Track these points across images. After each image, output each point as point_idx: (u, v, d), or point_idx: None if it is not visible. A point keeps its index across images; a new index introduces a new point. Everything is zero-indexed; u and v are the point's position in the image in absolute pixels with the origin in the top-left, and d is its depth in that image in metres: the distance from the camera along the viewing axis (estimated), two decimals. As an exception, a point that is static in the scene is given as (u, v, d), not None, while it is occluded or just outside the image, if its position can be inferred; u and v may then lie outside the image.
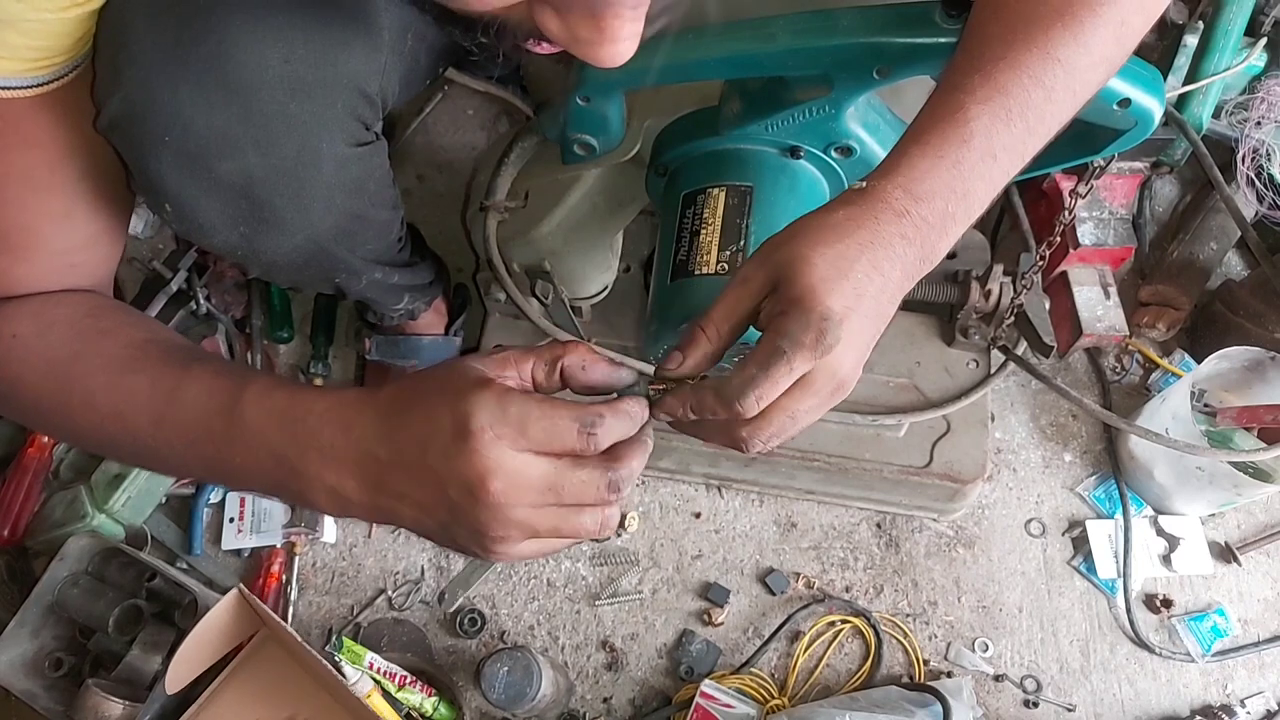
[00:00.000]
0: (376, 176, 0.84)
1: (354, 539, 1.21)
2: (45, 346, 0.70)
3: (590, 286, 1.09)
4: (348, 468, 0.57)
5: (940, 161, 0.59)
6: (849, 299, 0.55)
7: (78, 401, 0.68)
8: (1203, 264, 1.28)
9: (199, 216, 0.75)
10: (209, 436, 0.63)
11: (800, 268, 0.55)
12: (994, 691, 1.12)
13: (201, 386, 0.64)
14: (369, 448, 0.56)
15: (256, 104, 0.69)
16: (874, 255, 0.56)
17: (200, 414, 0.63)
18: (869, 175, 0.60)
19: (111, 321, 0.72)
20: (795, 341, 0.53)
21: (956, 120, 0.60)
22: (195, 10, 0.66)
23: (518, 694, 0.98)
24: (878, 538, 1.20)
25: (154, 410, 0.65)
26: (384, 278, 0.99)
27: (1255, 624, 1.16)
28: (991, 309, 1.08)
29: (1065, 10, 0.62)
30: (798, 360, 0.53)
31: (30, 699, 1.05)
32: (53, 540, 1.13)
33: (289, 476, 0.59)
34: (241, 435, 0.61)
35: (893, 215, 0.57)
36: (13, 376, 0.70)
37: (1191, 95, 1.18)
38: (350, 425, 0.57)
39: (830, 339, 0.53)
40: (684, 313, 0.84)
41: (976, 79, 0.61)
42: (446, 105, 1.45)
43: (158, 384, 0.65)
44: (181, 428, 0.64)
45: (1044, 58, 0.61)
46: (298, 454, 0.58)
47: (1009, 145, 0.61)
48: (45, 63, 0.64)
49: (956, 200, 0.59)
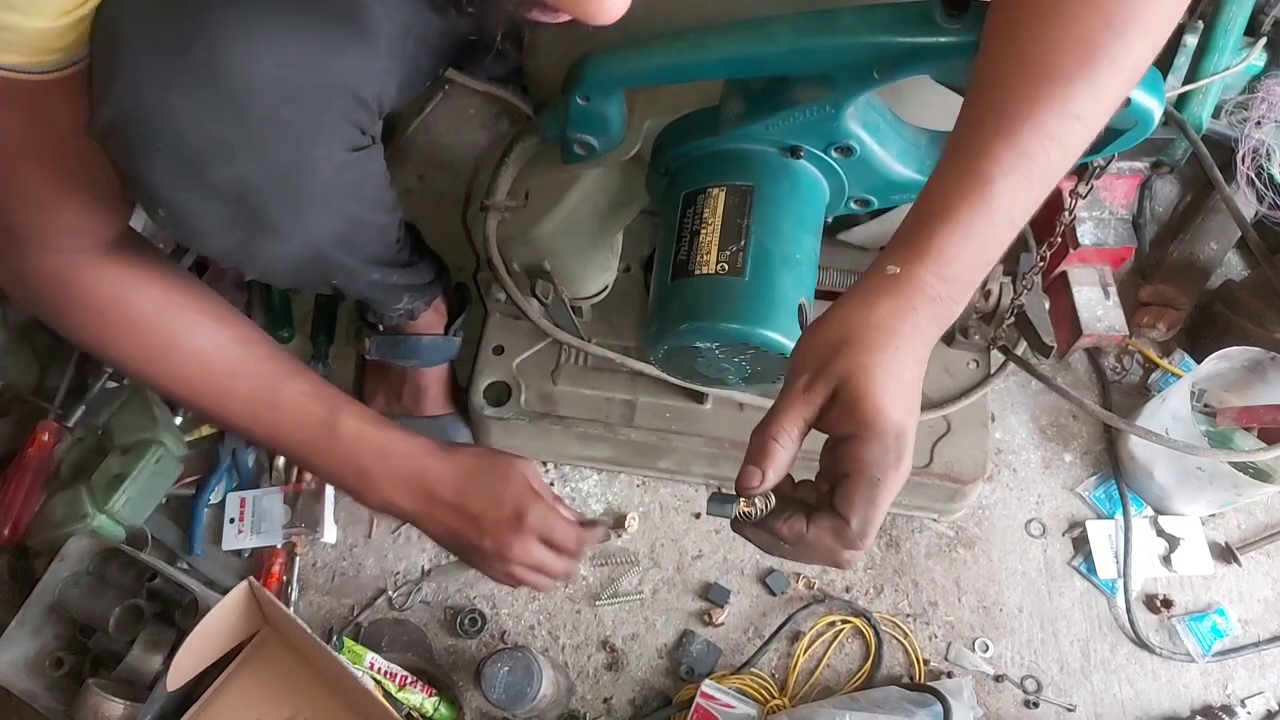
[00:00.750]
0: (373, 181, 0.84)
1: (354, 539, 1.21)
2: (132, 333, 0.84)
3: (590, 286, 1.09)
4: (410, 496, 0.89)
5: (969, 242, 0.61)
6: (907, 402, 0.59)
7: (177, 388, 0.87)
8: (1203, 264, 1.28)
9: (193, 223, 0.75)
10: (302, 445, 0.89)
11: (863, 382, 0.58)
12: (994, 692, 1.12)
13: (297, 407, 0.87)
14: (438, 491, 0.89)
15: (249, 110, 0.68)
16: (916, 346, 0.60)
17: (296, 430, 0.88)
18: (899, 252, 0.61)
19: (193, 311, 0.86)
20: (883, 467, 0.58)
21: (983, 194, 0.60)
22: (187, 16, 0.66)
23: (518, 694, 0.98)
24: (878, 538, 1.19)
25: (251, 412, 0.87)
26: (383, 278, 0.99)
27: (1255, 624, 1.16)
28: (991, 309, 1.08)
29: (1087, 61, 0.61)
30: (891, 483, 0.58)
31: (31, 699, 1.05)
32: (53, 540, 1.13)
33: (361, 484, 0.89)
34: (336, 453, 0.88)
35: (928, 302, 0.60)
36: (109, 344, 0.85)
37: (1191, 95, 1.18)
38: (425, 471, 0.89)
39: (904, 450, 0.58)
40: (684, 312, 0.84)
41: (1001, 145, 0.60)
42: (447, 105, 1.45)
43: (256, 394, 0.87)
44: (276, 431, 0.88)
45: (1063, 115, 0.61)
46: (380, 475, 0.88)
47: (1027, 208, 0.62)
48: (45, 57, 0.65)
49: (980, 271, 0.62)
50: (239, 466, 1.23)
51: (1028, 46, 0.62)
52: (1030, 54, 0.62)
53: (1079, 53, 0.61)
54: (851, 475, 0.59)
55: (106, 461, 1.18)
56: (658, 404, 1.13)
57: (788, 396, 0.61)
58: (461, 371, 1.23)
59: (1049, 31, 0.61)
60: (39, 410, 1.23)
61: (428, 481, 0.88)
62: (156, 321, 0.84)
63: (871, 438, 0.58)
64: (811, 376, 0.60)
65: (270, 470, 1.24)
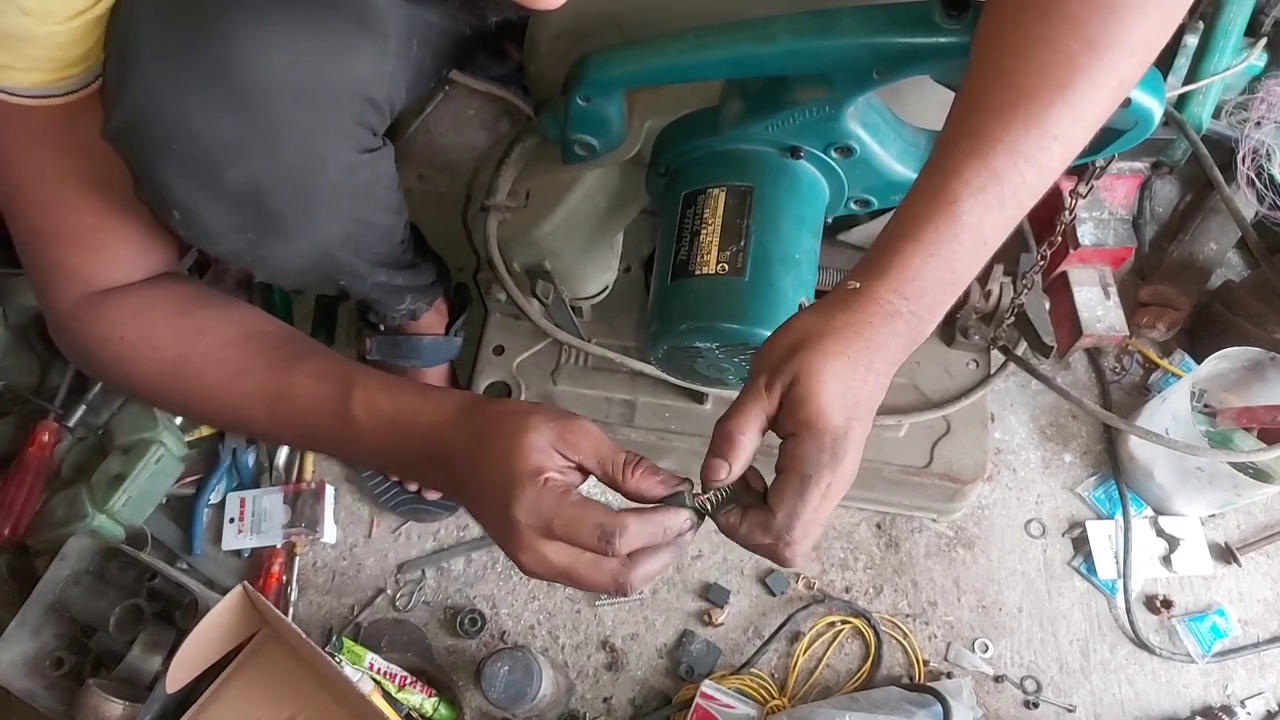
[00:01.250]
0: (383, 182, 0.84)
1: (354, 539, 1.21)
2: (152, 350, 0.79)
3: (590, 286, 1.09)
4: (443, 475, 0.71)
5: (932, 260, 0.61)
6: (851, 409, 0.60)
7: (195, 400, 0.79)
8: (1203, 264, 1.28)
9: (206, 224, 0.75)
10: (321, 432, 0.76)
11: (809, 384, 0.59)
12: (994, 692, 1.12)
13: (309, 392, 0.76)
14: (456, 470, 0.69)
15: (263, 111, 0.69)
16: (869, 359, 0.61)
17: (313, 417, 0.76)
18: (863, 269, 0.62)
19: (206, 317, 0.81)
20: (816, 464, 0.59)
21: (951, 214, 0.60)
22: (201, 18, 0.66)
23: (518, 694, 0.98)
24: (877, 538, 1.20)
25: (268, 411, 0.77)
26: (388, 279, 0.99)
27: (1255, 625, 1.16)
28: (991, 309, 1.08)
29: (1067, 84, 0.60)
30: (823, 481, 0.59)
31: (31, 698, 1.05)
32: (54, 540, 1.13)
33: (400, 464, 0.76)
34: (357, 436, 0.74)
35: (885, 317, 0.61)
36: (131, 374, 0.80)
37: (1191, 95, 1.18)
38: (445, 442, 0.70)
39: (840, 453, 0.59)
40: (684, 312, 0.84)
41: (972, 166, 0.60)
42: (448, 105, 1.45)
43: (266, 388, 0.77)
44: (297, 425, 0.77)
45: (1041, 138, 0.61)
46: (410, 452, 0.72)
47: (1000, 227, 0.62)
48: (69, 71, 0.66)
49: (946, 289, 0.63)
50: (239, 466, 1.23)
51: (1008, 68, 0.62)
52: (1009, 76, 0.62)
53: (1058, 75, 0.61)
54: (784, 471, 0.60)
55: (106, 461, 1.18)
56: (657, 404, 1.13)
57: (749, 393, 0.62)
58: (462, 371, 1.23)
59: (1030, 52, 0.61)
60: (39, 410, 1.23)
61: (447, 455, 0.69)
62: (169, 335, 0.80)
63: (808, 437, 0.59)
64: (769, 376, 0.61)
65: (270, 470, 1.24)
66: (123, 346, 0.79)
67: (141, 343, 0.79)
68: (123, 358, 0.79)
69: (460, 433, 0.69)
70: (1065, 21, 0.61)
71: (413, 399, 0.72)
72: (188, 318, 0.80)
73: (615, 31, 0.87)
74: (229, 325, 0.81)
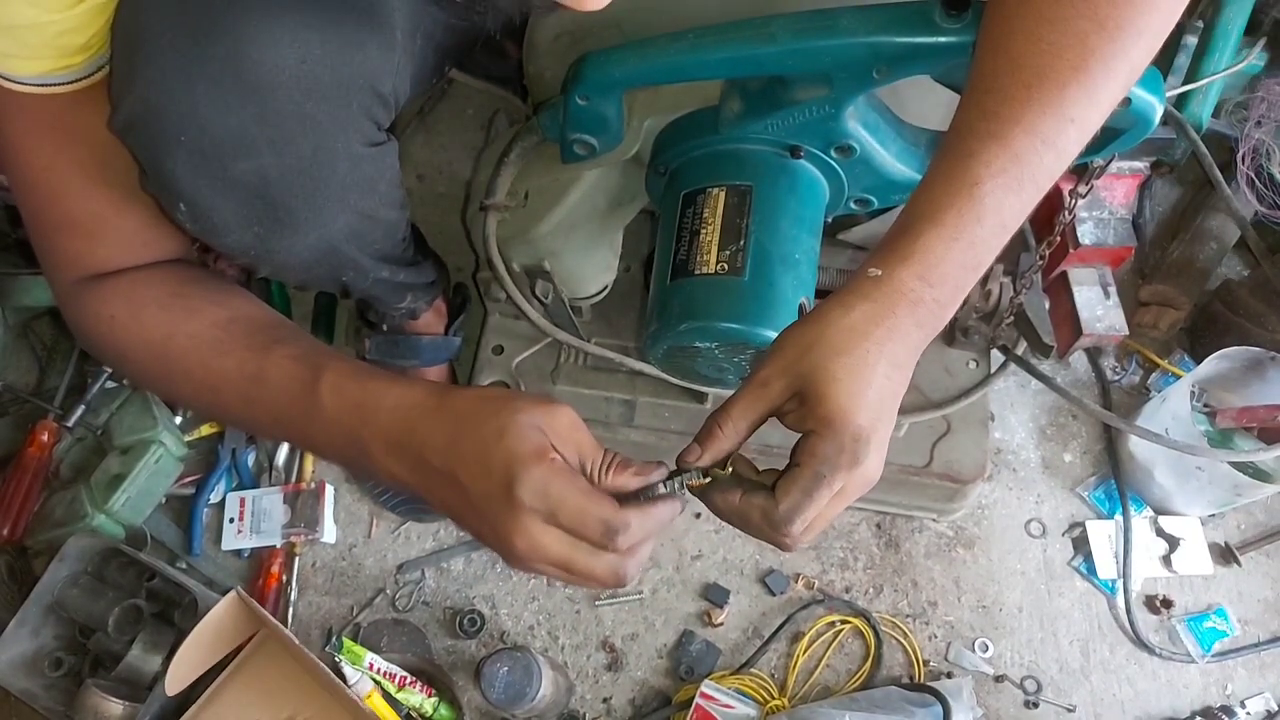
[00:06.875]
0: (388, 176, 0.84)
1: (354, 539, 1.21)
2: (140, 328, 0.78)
3: (590, 286, 1.09)
4: (408, 464, 0.65)
5: (955, 244, 0.60)
6: (874, 410, 0.58)
7: (178, 378, 0.77)
8: (1203, 264, 1.28)
9: (214, 217, 0.75)
10: (292, 417, 0.72)
11: (826, 384, 0.58)
12: (994, 692, 1.12)
13: (282, 373, 0.72)
14: (426, 456, 0.64)
15: (273, 104, 0.68)
16: (892, 352, 0.59)
17: (283, 398, 0.72)
18: (882, 256, 0.61)
19: (198, 299, 0.79)
20: (833, 465, 0.58)
21: (973, 195, 0.60)
22: (211, 10, 0.66)
23: (518, 694, 0.98)
24: (877, 538, 1.20)
25: (242, 391, 0.74)
26: (390, 276, 0.99)
27: (1255, 624, 1.16)
28: (991, 309, 1.08)
29: (1080, 65, 0.60)
30: (836, 482, 0.58)
31: (30, 699, 1.05)
32: (53, 540, 1.13)
33: (360, 455, 0.68)
34: (320, 418, 0.69)
35: (908, 305, 0.60)
36: (119, 353, 0.79)
37: (1191, 95, 1.18)
38: (414, 429, 0.65)
39: (861, 455, 0.58)
40: (684, 312, 0.84)
41: (990, 148, 0.60)
42: (447, 104, 1.45)
43: (243, 367, 0.74)
44: (267, 407, 0.73)
45: (1058, 119, 0.60)
46: (369, 438, 0.67)
47: (1019, 211, 0.62)
48: (70, 60, 0.66)
49: (968, 274, 0.62)
50: (239, 466, 1.23)
51: (1021, 50, 0.62)
52: (1023, 58, 0.61)
53: (1072, 56, 0.60)
54: (800, 465, 0.59)
55: (106, 461, 1.18)
56: (657, 404, 1.13)
57: (744, 390, 0.61)
58: (462, 371, 1.23)
59: (1042, 35, 0.61)
60: (39, 410, 1.23)
61: (417, 442, 0.65)
62: (159, 314, 0.79)
63: (829, 435, 0.58)
64: (773, 375, 0.60)
65: (270, 470, 1.24)
66: (114, 325, 0.79)
67: (131, 321, 0.78)
68: (114, 336, 0.79)
69: (431, 418, 0.65)
70: (1075, 4, 0.61)
71: (381, 384, 0.68)
72: (180, 299, 0.79)
73: (615, 31, 0.87)
74: (219, 308, 0.79)
